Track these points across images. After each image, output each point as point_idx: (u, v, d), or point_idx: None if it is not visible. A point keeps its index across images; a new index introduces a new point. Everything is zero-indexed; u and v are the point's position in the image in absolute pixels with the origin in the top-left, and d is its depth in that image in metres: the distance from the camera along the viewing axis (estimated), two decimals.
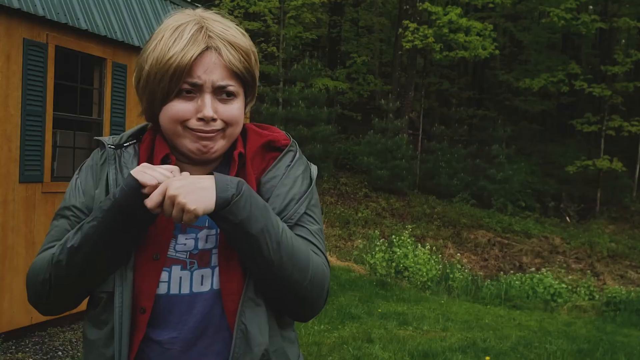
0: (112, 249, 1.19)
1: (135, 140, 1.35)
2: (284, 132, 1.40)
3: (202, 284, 1.23)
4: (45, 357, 5.27)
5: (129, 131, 1.37)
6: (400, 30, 19.75)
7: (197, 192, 1.13)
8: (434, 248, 12.99)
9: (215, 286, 1.23)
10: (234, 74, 1.25)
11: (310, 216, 1.32)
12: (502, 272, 12.83)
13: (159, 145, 1.30)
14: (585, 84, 20.77)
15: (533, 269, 13.29)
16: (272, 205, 1.26)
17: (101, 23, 6.38)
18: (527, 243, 16.30)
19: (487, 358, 5.97)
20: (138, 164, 1.27)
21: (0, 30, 5.24)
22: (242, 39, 1.27)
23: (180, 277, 1.22)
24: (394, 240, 11.59)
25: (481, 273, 12.92)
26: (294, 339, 1.34)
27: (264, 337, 1.22)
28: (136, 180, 1.15)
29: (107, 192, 1.26)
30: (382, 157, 17.93)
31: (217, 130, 1.24)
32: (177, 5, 8.15)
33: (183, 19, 1.27)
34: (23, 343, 5.53)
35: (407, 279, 10.61)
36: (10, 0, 5.21)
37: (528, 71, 23.08)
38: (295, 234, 1.26)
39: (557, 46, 27.30)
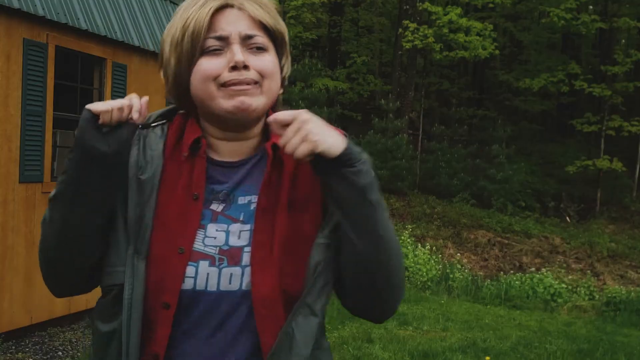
0: (86, 197, 1.13)
1: (164, 121, 1.25)
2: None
3: (230, 283, 1.14)
4: (45, 357, 5.27)
5: (158, 111, 1.28)
6: (400, 30, 19.75)
7: (326, 131, 1.08)
8: (434, 248, 12.99)
9: (245, 287, 1.14)
10: (262, 26, 1.16)
11: None
12: (502, 272, 12.83)
13: (190, 127, 1.21)
14: (585, 84, 20.76)
15: (533, 269, 13.28)
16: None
17: (101, 23, 6.38)
18: (527, 243, 16.30)
19: (487, 358, 5.97)
20: (165, 146, 1.19)
21: (0, 30, 5.24)
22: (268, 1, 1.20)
23: (208, 274, 1.14)
24: None
25: (481, 273, 12.92)
26: (328, 346, 1.26)
27: (307, 349, 1.14)
28: (89, 110, 1.12)
29: (126, 173, 1.17)
30: (382, 157, 17.93)
31: (253, 82, 1.13)
32: (177, 5, 8.16)
33: None
34: (23, 343, 5.53)
35: (407, 279, 10.61)
36: (10, 0, 5.21)
37: (528, 71, 23.07)
38: None
39: (557, 46, 27.30)
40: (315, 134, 1.06)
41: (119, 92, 6.71)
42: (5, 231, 5.38)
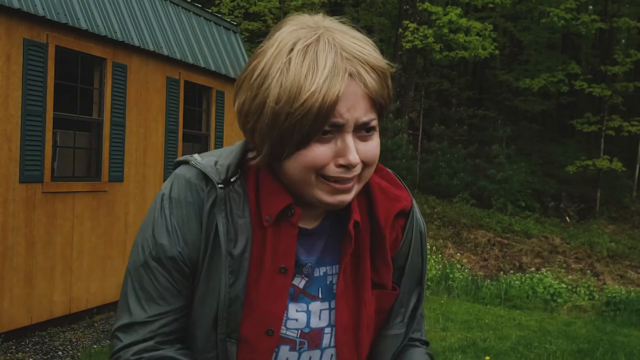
0: None
1: (239, 174, 1.06)
2: (397, 178, 1.21)
3: None
4: (45, 357, 5.27)
5: (231, 157, 1.07)
6: (400, 30, 19.76)
7: None
8: (434, 248, 12.99)
9: None
10: (375, 104, 1.01)
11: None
12: (502, 272, 12.83)
13: (271, 187, 1.05)
14: (585, 84, 20.77)
15: (533, 269, 13.29)
16: (406, 283, 1.16)
17: (101, 23, 6.38)
18: (527, 243, 16.31)
19: (487, 358, 5.97)
20: (250, 213, 1.04)
21: (0, 30, 5.25)
22: (380, 59, 1.01)
23: (287, 358, 1.07)
24: None
25: (481, 273, 12.92)
26: None
27: None
28: None
29: (214, 245, 1.02)
30: (382, 157, 17.90)
31: (355, 177, 1.01)
32: (177, 5, 8.16)
33: (309, 34, 0.98)
34: (23, 343, 5.53)
35: None
36: (10, 0, 5.21)
37: (528, 71, 23.08)
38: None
39: (557, 46, 27.30)
40: None
41: (119, 92, 6.71)
42: (6, 231, 5.39)
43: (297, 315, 1.06)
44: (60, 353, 5.40)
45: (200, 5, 8.90)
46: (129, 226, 7.03)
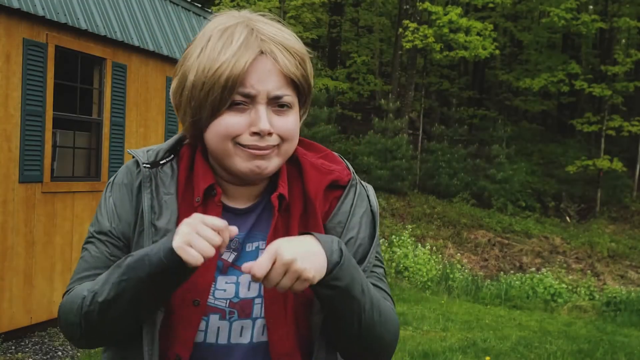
0: (146, 304, 1.07)
1: (172, 156, 1.19)
2: (341, 158, 1.25)
3: (241, 336, 1.12)
4: (45, 357, 5.27)
5: (164, 144, 1.21)
6: (400, 30, 19.76)
7: (311, 257, 1.01)
8: (434, 248, 12.99)
9: (255, 339, 1.12)
10: (290, 82, 1.10)
11: (377, 258, 1.21)
12: (502, 272, 12.83)
13: (200, 168, 1.15)
14: (586, 84, 20.77)
15: (533, 269, 13.28)
16: None
17: (101, 23, 6.37)
18: (527, 243, 16.30)
19: (487, 358, 5.96)
20: (178, 189, 1.14)
21: (0, 30, 5.24)
22: (297, 43, 1.12)
23: (218, 327, 1.11)
24: (394, 240, 11.59)
25: (481, 273, 12.92)
26: None
27: None
28: (179, 258, 0.98)
29: (141, 220, 1.13)
30: (382, 157, 17.93)
31: (272, 147, 1.09)
32: (177, 5, 8.15)
33: (229, 21, 1.11)
34: (23, 343, 5.52)
35: (407, 279, 10.61)
36: (10, 0, 5.20)
37: (528, 71, 23.08)
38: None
39: (557, 46, 27.30)
40: (308, 270, 0.99)
41: (119, 92, 6.70)
42: (5, 231, 5.38)
43: (225, 287, 1.12)
44: (60, 353, 5.39)
45: (200, 5, 8.89)
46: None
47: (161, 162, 1.17)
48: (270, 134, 1.08)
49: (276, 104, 1.09)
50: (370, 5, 26.55)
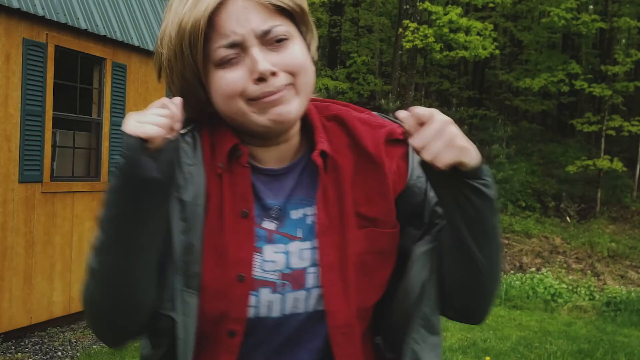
0: (142, 236, 0.93)
1: (193, 125, 1.05)
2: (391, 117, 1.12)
3: (294, 307, 1.03)
4: (44, 357, 5.26)
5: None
6: (400, 30, 19.76)
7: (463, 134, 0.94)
8: None
9: (312, 308, 1.03)
10: (278, 10, 0.96)
11: None
12: (502, 272, 12.81)
13: (222, 131, 1.03)
14: (586, 84, 20.76)
15: (533, 269, 13.28)
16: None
17: (101, 23, 6.37)
18: (528, 243, 16.30)
19: (487, 358, 5.96)
20: (203, 157, 1.01)
21: (0, 30, 5.24)
22: None
23: (271, 301, 1.01)
24: None
25: None
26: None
27: None
28: (137, 137, 0.88)
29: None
30: None
31: (285, 86, 0.96)
32: None
33: None
34: (23, 343, 5.52)
35: None
36: (10, 0, 5.20)
37: (528, 71, 23.08)
38: None
39: (557, 46, 27.31)
40: (461, 138, 0.92)
41: (119, 92, 6.70)
42: (5, 231, 5.38)
43: (275, 257, 1.02)
44: (59, 353, 5.39)
45: None
46: None
47: (182, 132, 1.02)
48: (274, 73, 0.95)
49: (270, 40, 0.95)
50: (370, 5, 26.56)
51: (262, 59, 0.94)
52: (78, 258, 6.23)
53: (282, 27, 0.96)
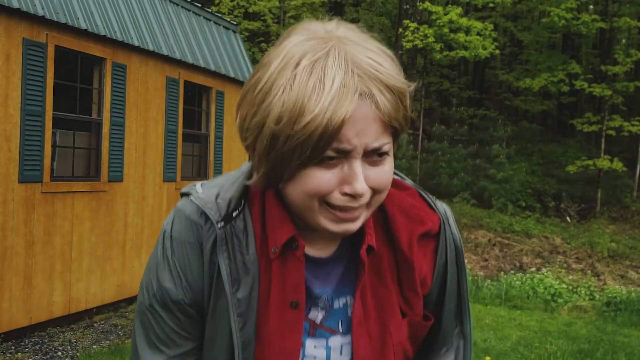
0: None
1: (243, 203, 0.98)
2: (431, 200, 1.08)
3: None
4: (44, 357, 5.26)
5: (233, 187, 0.99)
6: (400, 30, 19.76)
7: None
8: None
9: None
10: (389, 127, 0.90)
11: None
12: (502, 272, 12.82)
13: (277, 216, 0.97)
14: (586, 84, 20.77)
15: (533, 269, 13.28)
16: (448, 308, 1.10)
17: (101, 23, 6.37)
18: (528, 243, 16.30)
19: (488, 358, 5.95)
20: (256, 247, 0.97)
21: (0, 29, 5.24)
22: (396, 73, 0.90)
23: None
24: None
25: (481, 273, 12.91)
26: None
27: None
28: None
29: (218, 287, 0.96)
30: None
31: (365, 205, 0.92)
32: (177, 4, 8.15)
33: (318, 46, 0.86)
34: (22, 343, 5.52)
35: None
36: (10, 0, 5.20)
37: (528, 71, 23.08)
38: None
39: (557, 46, 27.31)
40: None
41: (119, 92, 6.70)
42: (5, 231, 5.37)
43: (315, 352, 0.98)
44: (59, 353, 5.39)
45: (200, 5, 8.88)
46: (128, 226, 7.02)
47: (234, 215, 0.96)
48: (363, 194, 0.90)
49: (374, 155, 0.89)
50: (370, 5, 26.56)
51: (362, 178, 0.88)
52: (78, 258, 6.23)
53: (389, 145, 0.90)
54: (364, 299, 1.00)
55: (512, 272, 12.59)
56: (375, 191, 0.91)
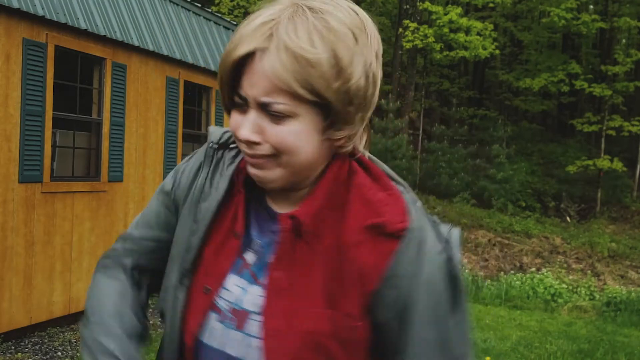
0: None
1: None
2: (404, 193, 0.99)
3: (229, 346, 0.98)
4: (44, 358, 5.26)
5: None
6: (400, 30, 19.76)
7: None
8: None
9: (242, 356, 0.96)
10: (286, 90, 0.90)
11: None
12: (502, 272, 12.82)
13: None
14: (586, 84, 20.77)
15: (533, 269, 13.28)
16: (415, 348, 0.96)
17: (101, 23, 6.37)
18: (528, 243, 16.30)
19: (488, 358, 5.96)
20: (235, 172, 1.04)
21: (0, 29, 5.23)
22: (319, 47, 0.88)
23: (214, 328, 0.99)
24: None
25: (481, 273, 12.92)
26: None
27: None
28: None
29: (194, 195, 1.07)
30: (382, 157, 17.92)
31: (265, 156, 0.93)
32: (177, 4, 8.15)
33: (276, 6, 0.92)
34: (22, 343, 5.52)
35: None
36: (10, 0, 5.20)
37: (528, 71, 23.09)
38: None
39: (557, 46, 27.31)
40: None
41: (119, 91, 6.70)
42: (5, 231, 5.37)
43: (234, 289, 0.99)
44: (59, 353, 5.39)
45: (200, 5, 8.88)
46: (128, 226, 7.02)
47: (231, 146, 1.08)
48: (256, 143, 0.93)
49: (269, 111, 0.91)
50: (370, 5, 26.54)
51: (247, 125, 0.93)
52: (78, 258, 6.23)
53: (284, 106, 0.90)
54: (287, 270, 0.96)
55: (512, 272, 12.60)
56: (277, 150, 0.93)
